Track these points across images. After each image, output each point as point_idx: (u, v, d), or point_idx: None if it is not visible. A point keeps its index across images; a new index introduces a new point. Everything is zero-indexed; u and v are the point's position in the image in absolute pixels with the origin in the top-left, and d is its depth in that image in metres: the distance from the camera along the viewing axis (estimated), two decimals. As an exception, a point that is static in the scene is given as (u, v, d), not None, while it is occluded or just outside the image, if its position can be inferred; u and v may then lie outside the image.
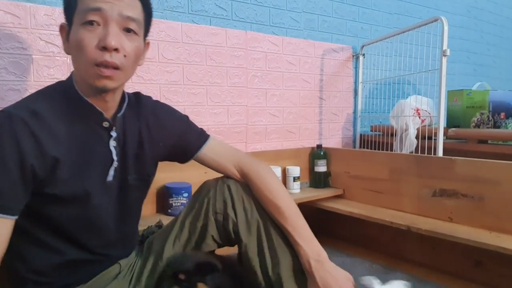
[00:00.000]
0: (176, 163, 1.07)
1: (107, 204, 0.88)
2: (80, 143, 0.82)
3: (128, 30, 0.80)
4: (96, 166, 0.85)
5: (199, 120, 1.76)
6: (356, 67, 2.35)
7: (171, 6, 1.68)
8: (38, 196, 0.78)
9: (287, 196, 0.98)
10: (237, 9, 1.87)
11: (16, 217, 0.76)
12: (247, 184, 1.00)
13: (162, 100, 1.63)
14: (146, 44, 0.90)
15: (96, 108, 0.83)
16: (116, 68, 0.78)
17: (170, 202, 1.54)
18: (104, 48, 0.76)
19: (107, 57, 0.76)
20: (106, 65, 0.76)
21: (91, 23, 0.76)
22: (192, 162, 1.07)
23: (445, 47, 1.69)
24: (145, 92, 1.58)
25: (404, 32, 2.00)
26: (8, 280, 0.88)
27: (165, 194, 1.55)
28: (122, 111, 0.89)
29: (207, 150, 1.01)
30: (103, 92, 0.82)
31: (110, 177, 0.87)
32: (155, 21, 1.59)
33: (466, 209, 1.47)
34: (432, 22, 1.78)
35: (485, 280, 1.46)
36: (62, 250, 0.84)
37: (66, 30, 0.82)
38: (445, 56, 1.69)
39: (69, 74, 0.87)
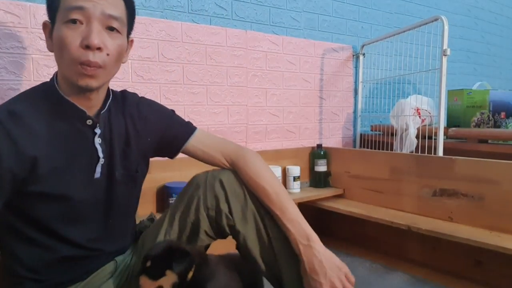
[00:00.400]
0: (175, 162, 1.07)
1: (94, 200, 0.88)
2: (63, 142, 0.82)
3: (111, 29, 0.80)
4: (81, 163, 0.85)
5: (199, 119, 1.75)
6: (356, 67, 2.35)
7: (171, 6, 1.68)
8: (23, 194, 0.78)
9: (274, 180, 0.96)
10: (237, 8, 1.87)
11: None
12: (237, 173, 0.98)
13: (162, 100, 1.65)
14: (130, 42, 0.91)
15: (77, 107, 0.83)
16: (99, 67, 0.78)
17: (170, 201, 1.54)
18: (87, 47, 0.76)
19: (90, 56, 0.77)
20: (89, 64, 0.77)
21: (73, 21, 0.76)
22: (191, 161, 1.07)
23: (445, 47, 1.69)
24: (145, 91, 1.60)
25: (404, 31, 2.00)
26: (6, 279, 0.88)
27: (165, 194, 1.55)
28: (106, 107, 0.89)
29: (194, 142, 1.01)
30: (86, 91, 0.82)
31: (97, 174, 0.88)
32: (155, 21, 1.61)
33: (466, 209, 1.47)
34: (432, 21, 1.78)
35: (485, 280, 1.46)
36: (53, 247, 0.85)
37: (49, 28, 0.82)
38: (446, 55, 1.68)
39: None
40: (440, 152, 1.71)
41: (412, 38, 2.00)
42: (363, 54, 2.30)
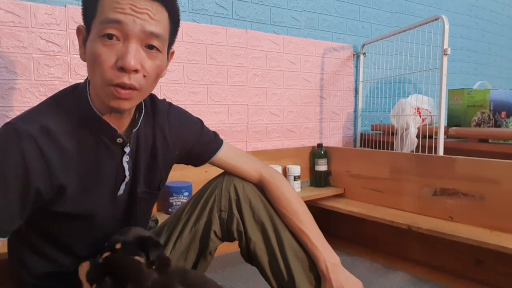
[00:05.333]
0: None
1: (113, 217, 0.86)
2: (92, 160, 0.78)
3: (150, 47, 0.71)
4: (107, 182, 0.82)
5: (199, 119, 1.75)
6: (356, 66, 2.35)
7: (172, 5, 1.68)
8: (44, 212, 0.75)
9: (304, 204, 1.02)
10: (237, 8, 1.87)
11: (5, 239, 0.72)
12: (254, 185, 1.00)
13: (163, 99, 1.64)
14: (170, 54, 0.82)
15: (110, 125, 0.77)
16: (134, 89, 0.71)
17: (171, 201, 1.54)
18: (122, 69, 0.68)
19: (125, 78, 0.69)
20: (124, 87, 0.69)
21: (109, 36, 0.67)
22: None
23: (446, 46, 1.69)
24: (145, 91, 1.59)
25: (405, 31, 2.00)
26: (12, 283, 0.88)
27: (166, 193, 1.55)
28: (138, 125, 0.83)
29: (221, 155, 1.00)
30: (117, 112, 0.76)
31: (121, 191, 0.85)
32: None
33: (466, 208, 1.47)
34: (433, 21, 1.78)
35: (485, 279, 1.46)
36: (64, 263, 0.83)
37: (83, 35, 0.73)
38: (446, 55, 1.68)
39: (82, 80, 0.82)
40: (441, 152, 1.71)
41: (412, 38, 2.00)
42: (364, 54, 2.29)
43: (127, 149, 0.82)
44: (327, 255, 0.95)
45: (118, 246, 0.79)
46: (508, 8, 3.47)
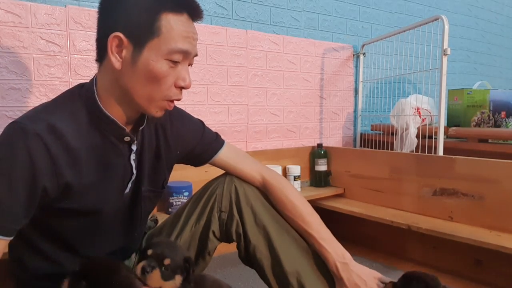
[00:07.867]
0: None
1: (118, 216, 0.87)
2: (99, 159, 0.78)
3: (189, 65, 0.80)
4: (115, 180, 0.82)
5: (199, 119, 1.76)
6: (356, 66, 2.35)
7: (172, 5, 1.68)
8: (50, 209, 0.75)
9: (307, 203, 1.01)
10: (237, 8, 1.87)
11: (11, 238, 0.71)
12: (256, 188, 1.00)
13: (163, 99, 1.64)
14: None
15: (118, 124, 0.78)
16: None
17: (171, 201, 1.54)
18: (182, 88, 0.78)
19: (181, 95, 0.79)
20: (177, 101, 0.80)
21: (176, 63, 0.75)
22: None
23: (445, 46, 1.69)
24: (145, 91, 1.59)
25: (404, 31, 2.00)
26: (12, 284, 0.88)
27: (166, 193, 1.55)
28: (145, 124, 0.85)
29: (222, 156, 1.00)
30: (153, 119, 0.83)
31: (127, 189, 0.85)
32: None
33: (466, 208, 1.47)
34: (432, 21, 1.78)
35: (485, 279, 1.46)
36: (64, 263, 0.83)
37: (125, 46, 0.73)
38: (446, 55, 1.68)
39: (86, 81, 0.82)
40: (441, 152, 1.71)
41: (412, 38, 2.00)
42: (364, 54, 2.30)
43: (134, 147, 0.84)
44: (336, 254, 0.95)
45: (167, 261, 0.78)
46: (508, 8, 3.48)
